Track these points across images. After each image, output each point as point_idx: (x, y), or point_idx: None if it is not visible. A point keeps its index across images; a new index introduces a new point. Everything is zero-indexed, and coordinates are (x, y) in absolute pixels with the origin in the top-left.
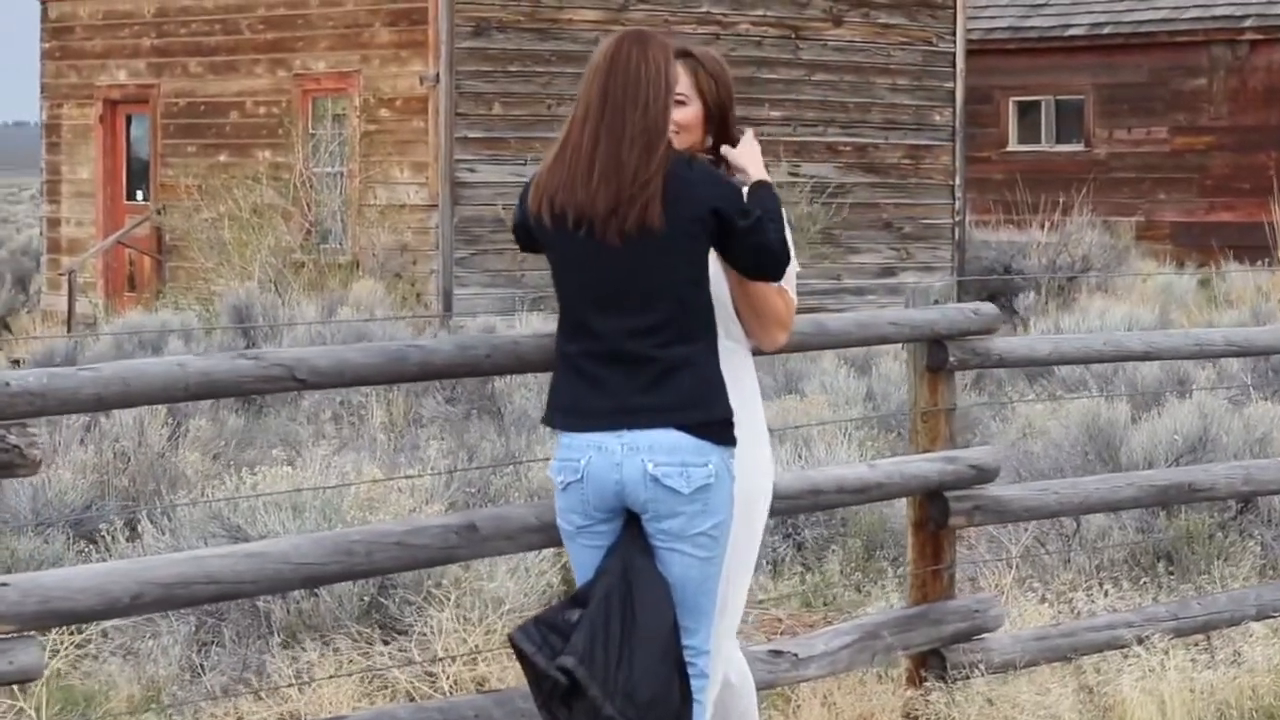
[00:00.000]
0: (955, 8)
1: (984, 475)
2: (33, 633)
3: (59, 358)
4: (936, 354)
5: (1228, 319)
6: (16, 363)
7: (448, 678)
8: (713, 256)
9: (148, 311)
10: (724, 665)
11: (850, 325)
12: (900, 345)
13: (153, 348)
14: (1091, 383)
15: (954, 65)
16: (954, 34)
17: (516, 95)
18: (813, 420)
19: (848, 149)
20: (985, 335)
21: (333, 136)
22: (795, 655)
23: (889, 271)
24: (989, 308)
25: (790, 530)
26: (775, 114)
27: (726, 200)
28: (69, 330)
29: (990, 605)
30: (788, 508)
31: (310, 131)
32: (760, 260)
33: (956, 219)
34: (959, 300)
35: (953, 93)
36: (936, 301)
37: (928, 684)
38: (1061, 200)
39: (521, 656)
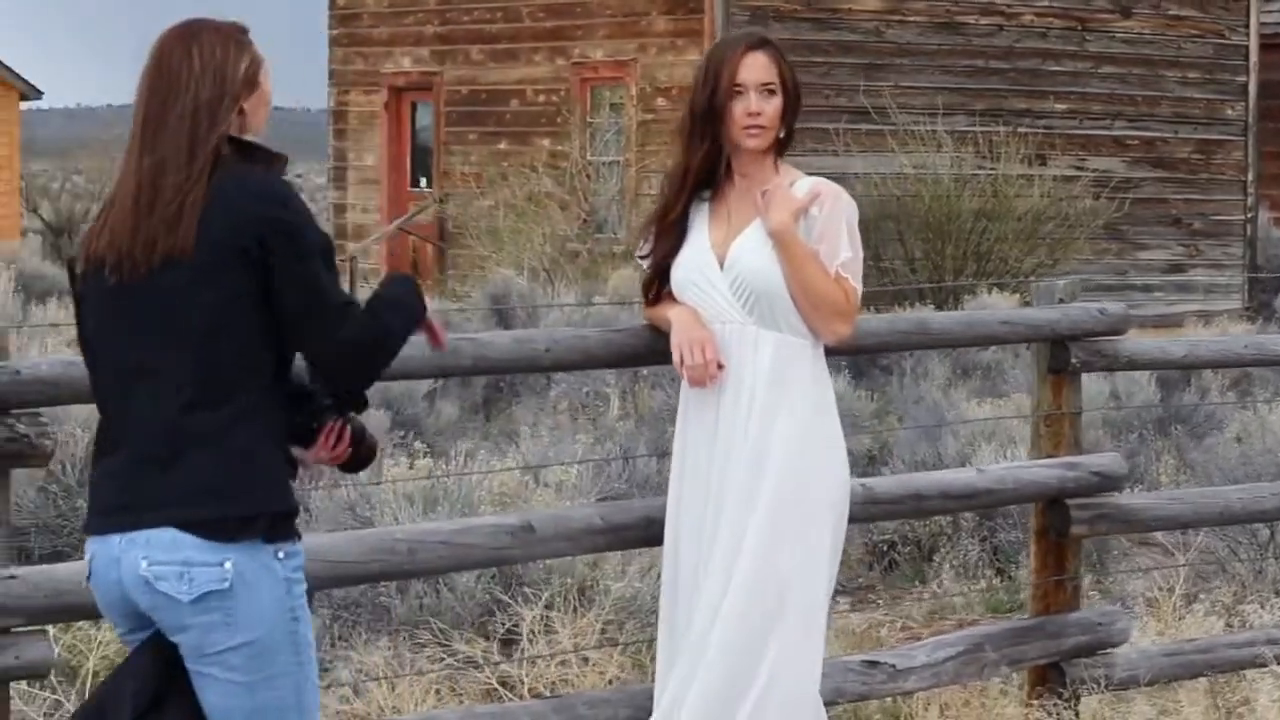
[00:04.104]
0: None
1: (1109, 482)
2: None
3: None
4: (1059, 355)
5: None
6: None
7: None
8: (760, 238)
9: None
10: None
11: (955, 324)
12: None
13: None
14: None
15: (1247, 58)
16: (1247, 26)
17: None
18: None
19: (1135, 143)
20: (1113, 336)
21: (609, 125)
22: (893, 666)
23: (1177, 268)
24: (1117, 307)
25: (987, 534)
26: (1060, 107)
27: (285, 224)
28: None
29: (1115, 618)
30: (887, 513)
31: (588, 120)
32: (318, 330)
33: (1249, 215)
34: (1248, 300)
35: (1245, 86)
36: (1061, 300)
37: (1043, 699)
38: None
39: None
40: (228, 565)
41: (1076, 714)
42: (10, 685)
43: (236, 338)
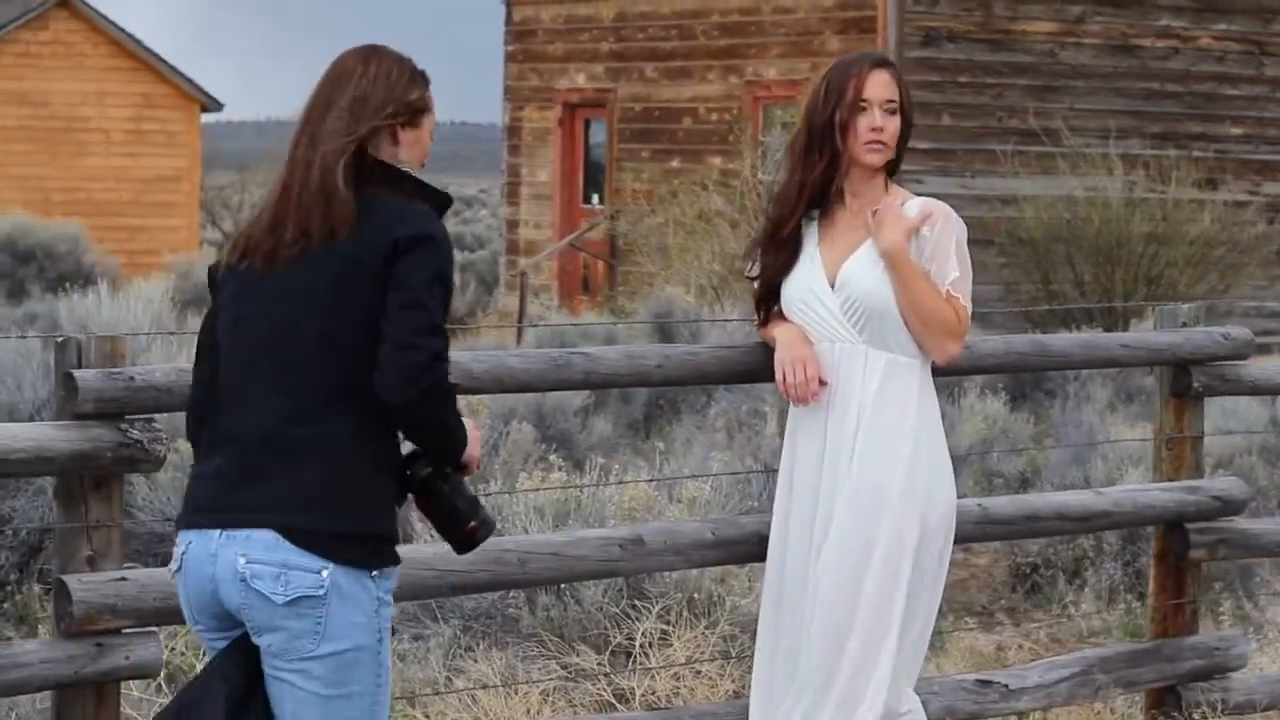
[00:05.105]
0: None
1: (1229, 507)
2: (153, 628)
3: None
4: (1181, 379)
5: None
6: None
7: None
8: (871, 258)
9: (576, 314)
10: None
11: (1073, 346)
12: None
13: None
14: None
15: None
16: None
17: (966, 106)
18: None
19: None
20: (1236, 361)
21: (781, 144)
22: (1005, 686)
23: None
24: (1241, 331)
25: (1129, 558)
26: (1236, 131)
27: (417, 244)
28: (519, 334)
29: (1233, 643)
30: (1003, 533)
31: (760, 139)
32: (406, 362)
33: None
34: None
35: None
36: (1184, 324)
37: None
38: None
39: None
40: (325, 574)
41: None
42: (120, 685)
43: (349, 352)
